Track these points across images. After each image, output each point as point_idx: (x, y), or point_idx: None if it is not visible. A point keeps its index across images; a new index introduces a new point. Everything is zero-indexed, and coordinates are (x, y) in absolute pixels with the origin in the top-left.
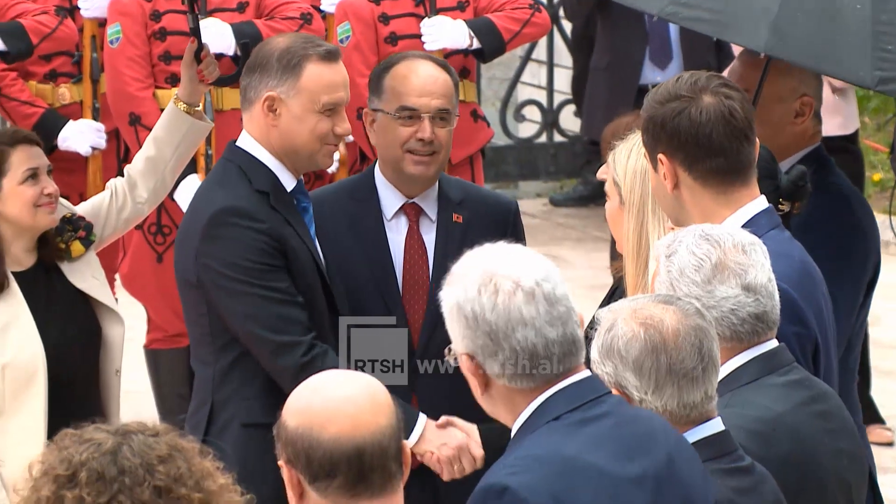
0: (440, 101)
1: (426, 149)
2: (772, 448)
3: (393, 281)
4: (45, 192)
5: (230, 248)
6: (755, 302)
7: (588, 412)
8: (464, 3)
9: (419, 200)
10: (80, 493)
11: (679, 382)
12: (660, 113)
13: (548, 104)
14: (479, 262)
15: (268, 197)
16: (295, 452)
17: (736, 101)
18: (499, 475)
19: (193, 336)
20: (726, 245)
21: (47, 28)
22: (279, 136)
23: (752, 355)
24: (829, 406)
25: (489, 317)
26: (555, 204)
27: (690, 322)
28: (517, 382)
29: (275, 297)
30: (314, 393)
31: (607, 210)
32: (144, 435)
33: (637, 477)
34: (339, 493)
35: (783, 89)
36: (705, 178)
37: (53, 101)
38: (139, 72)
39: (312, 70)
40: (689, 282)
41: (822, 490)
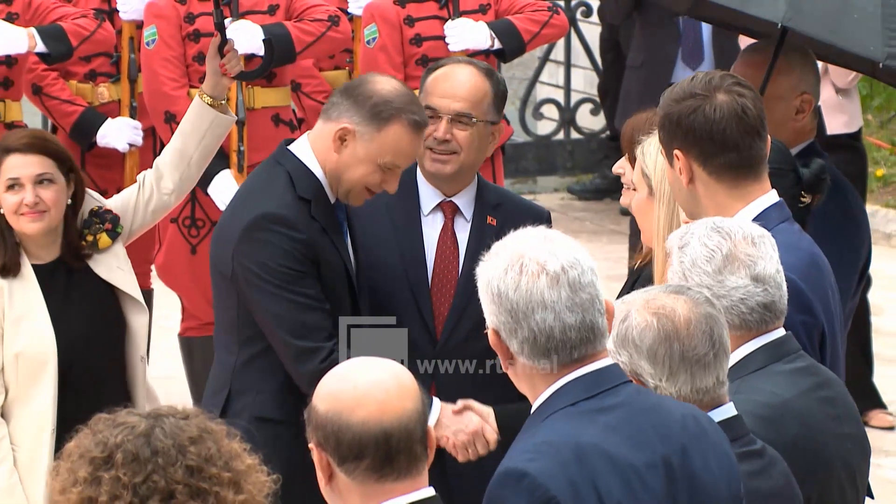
0: (461, 104)
1: (442, 147)
2: (780, 433)
3: (423, 272)
4: (24, 202)
5: (266, 252)
6: (764, 292)
7: (604, 400)
8: (485, 6)
9: (456, 199)
10: (117, 473)
11: (692, 369)
12: (676, 110)
13: (565, 103)
14: (514, 242)
15: (309, 205)
16: (325, 436)
17: (748, 98)
18: (518, 461)
19: (220, 324)
20: (737, 237)
21: (86, 31)
22: (335, 163)
23: (761, 343)
24: (835, 392)
25: (512, 296)
26: (573, 193)
27: (701, 310)
28: (535, 362)
29: (302, 303)
30: (343, 379)
31: (634, 201)
32: (175, 418)
33: (649, 464)
34: (367, 475)
35: (784, 87)
36: (719, 173)
37: (93, 99)
38: (174, 72)
39: (396, 131)
40: (701, 272)
41: (829, 472)
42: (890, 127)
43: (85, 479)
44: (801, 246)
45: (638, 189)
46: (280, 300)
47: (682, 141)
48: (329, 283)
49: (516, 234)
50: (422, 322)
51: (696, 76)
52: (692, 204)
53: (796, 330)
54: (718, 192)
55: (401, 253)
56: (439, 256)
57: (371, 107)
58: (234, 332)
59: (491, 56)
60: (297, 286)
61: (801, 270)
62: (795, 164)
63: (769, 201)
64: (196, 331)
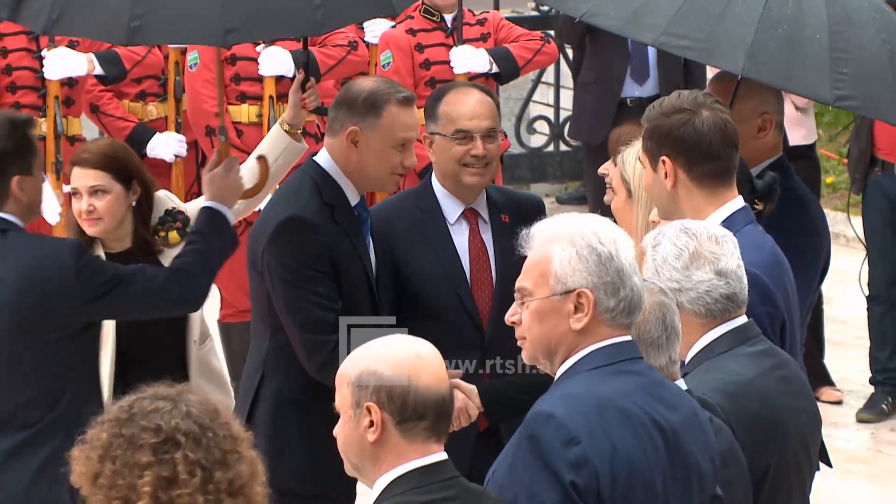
0: (488, 121)
1: (480, 162)
2: (744, 407)
3: (462, 276)
4: (83, 210)
5: (288, 252)
6: (726, 284)
7: (623, 367)
8: (486, 35)
9: (475, 206)
10: (185, 452)
11: (647, 349)
12: (666, 123)
13: (555, 119)
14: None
15: (333, 210)
16: (389, 396)
17: (727, 115)
18: (547, 405)
19: (255, 313)
20: (702, 237)
21: (138, 56)
22: (357, 163)
23: (725, 329)
24: (790, 372)
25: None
26: (560, 202)
27: (655, 299)
28: (616, 322)
29: (315, 301)
30: (401, 349)
31: (613, 204)
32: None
33: (656, 425)
34: (421, 435)
35: (744, 110)
36: (700, 179)
37: (143, 116)
38: (214, 91)
39: (391, 111)
40: (671, 268)
41: (785, 442)
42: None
43: (150, 464)
44: (764, 246)
45: (617, 192)
46: (296, 296)
47: (671, 149)
48: (347, 283)
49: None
50: (470, 319)
51: (680, 94)
52: (671, 205)
53: (760, 319)
54: (697, 195)
55: (437, 261)
56: (473, 258)
57: (363, 103)
58: (267, 321)
59: (490, 79)
60: (312, 285)
61: (764, 267)
62: (751, 176)
63: (736, 206)
64: (233, 317)
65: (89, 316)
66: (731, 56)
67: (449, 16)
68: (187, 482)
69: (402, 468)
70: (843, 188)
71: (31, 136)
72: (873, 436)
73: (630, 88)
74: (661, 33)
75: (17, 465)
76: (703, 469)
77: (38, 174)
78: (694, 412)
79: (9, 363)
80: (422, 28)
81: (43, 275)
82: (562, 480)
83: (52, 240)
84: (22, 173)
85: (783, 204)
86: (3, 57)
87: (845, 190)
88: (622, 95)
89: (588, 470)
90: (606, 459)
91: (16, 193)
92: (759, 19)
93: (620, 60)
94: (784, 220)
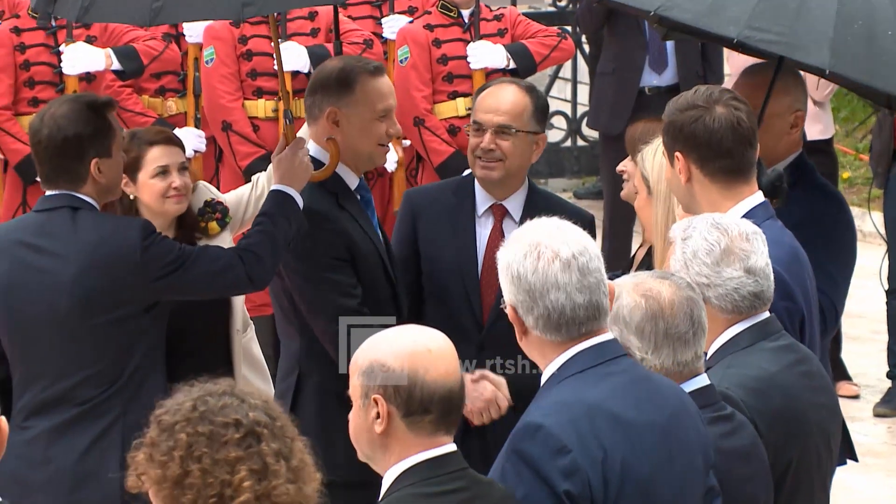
0: (503, 117)
1: (489, 156)
2: (767, 402)
3: (473, 266)
4: (172, 186)
5: (303, 245)
6: (754, 282)
7: (608, 368)
8: (503, 31)
9: (506, 203)
10: (268, 444)
11: (674, 344)
12: (679, 119)
13: (572, 115)
14: (531, 231)
15: (336, 197)
16: (396, 389)
17: (743, 112)
18: (535, 416)
19: (278, 314)
20: (733, 233)
21: (156, 51)
22: (343, 142)
23: (748, 324)
24: (812, 367)
25: (530, 278)
26: (577, 197)
27: (683, 294)
28: (547, 335)
29: (335, 289)
30: (413, 342)
31: (636, 202)
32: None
33: (647, 423)
34: (427, 428)
35: (782, 106)
36: (713, 175)
37: (162, 112)
38: (230, 86)
39: (365, 84)
40: (701, 263)
41: (807, 437)
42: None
43: (239, 458)
44: (783, 241)
45: (639, 190)
46: (316, 288)
47: (684, 145)
48: (363, 265)
49: (531, 223)
50: (470, 310)
51: (698, 89)
52: (688, 199)
53: (780, 314)
54: (712, 191)
55: (455, 249)
56: (488, 253)
57: (335, 82)
58: (292, 320)
59: (507, 74)
60: (330, 273)
61: (784, 262)
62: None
63: (756, 201)
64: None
65: (155, 295)
66: (816, 51)
67: (466, 11)
68: (278, 472)
69: (411, 460)
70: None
71: (110, 118)
72: (890, 430)
73: (648, 78)
74: (744, 27)
75: (68, 440)
76: (698, 461)
77: (118, 156)
78: (683, 405)
79: (71, 341)
80: (439, 23)
81: (108, 252)
82: (556, 490)
83: (121, 219)
84: (100, 156)
85: (816, 198)
86: (22, 52)
87: (862, 185)
88: (641, 84)
89: (580, 477)
90: (598, 465)
91: (94, 175)
92: (835, 14)
93: (639, 50)
94: (820, 215)
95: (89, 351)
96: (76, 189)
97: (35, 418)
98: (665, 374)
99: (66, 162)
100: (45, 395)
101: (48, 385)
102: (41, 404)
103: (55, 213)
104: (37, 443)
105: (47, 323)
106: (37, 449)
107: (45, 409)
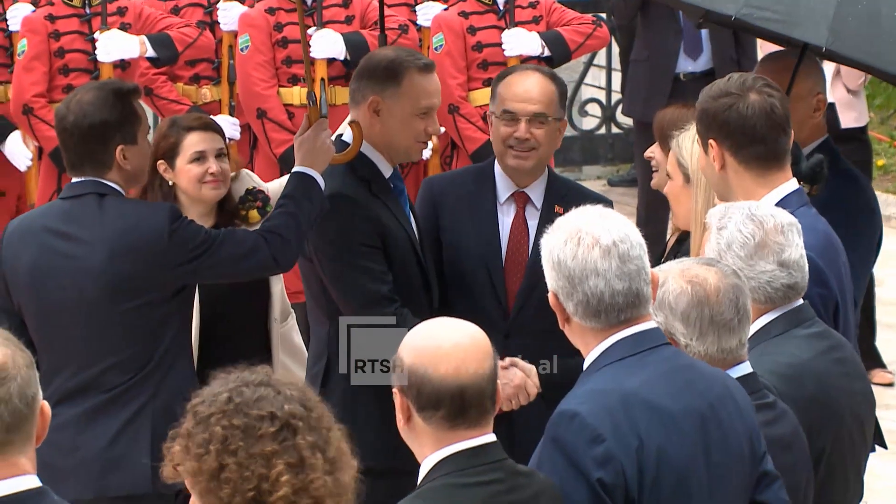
0: (536, 106)
1: (523, 146)
2: (800, 389)
3: (497, 254)
4: (209, 172)
5: (336, 230)
6: (788, 275)
7: (647, 357)
8: (538, 18)
9: (528, 190)
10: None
11: (719, 331)
12: (713, 106)
13: (606, 102)
14: (574, 218)
15: (369, 185)
16: (409, 383)
17: (776, 99)
18: (571, 403)
19: (309, 300)
20: (768, 226)
21: (190, 38)
22: (380, 133)
23: (781, 312)
24: (845, 354)
25: (569, 264)
26: (611, 184)
27: (729, 281)
28: (587, 321)
29: (367, 276)
30: (429, 337)
31: (669, 187)
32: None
33: (685, 412)
34: (441, 423)
35: (803, 90)
36: (748, 162)
37: (197, 99)
38: (265, 74)
39: (412, 79)
40: (735, 255)
41: (841, 423)
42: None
43: (275, 452)
44: (817, 227)
45: (673, 177)
46: (348, 274)
47: (717, 132)
48: (395, 253)
49: (576, 210)
50: (496, 299)
51: (731, 77)
52: (722, 186)
53: (814, 301)
54: (746, 178)
55: (478, 237)
56: (512, 241)
57: (383, 72)
58: (323, 306)
59: (542, 62)
60: (362, 260)
61: (818, 249)
62: (799, 158)
63: (790, 188)
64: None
65: (182, 278)
66: (814, 29)
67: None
68: (315, 465)
69: (448, 449)
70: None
71: (136, 105)
72: None
73: (683, 64)
74: (742, 5)
75: (98, 425)
76: (742, 449)
77: (143, 143)
78: (729, 392)
79: (99, 327)
80: (474, 11)
81: (136, 237)
82: (589, 478)
83: (148, 204)
84: (126, 142)
85: (837, 184)
86: (56, 40)
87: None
88: (675, 71)
89: (614, 466)
90: (633, 454)
91: (119, 162)
92: None
93: (673, 36)
94: (840, 200)
95: (117, 337)
96: (102, 175)
97: (63, 405)
98: (709, 361)
99: (91, 148)
100: (73, 382)
101: (76, 372)
102: (69, 391)
103: (82, 199)
104: (66, 429)
105: (75, 310)
106: (66, 436)
107: (74, 396)
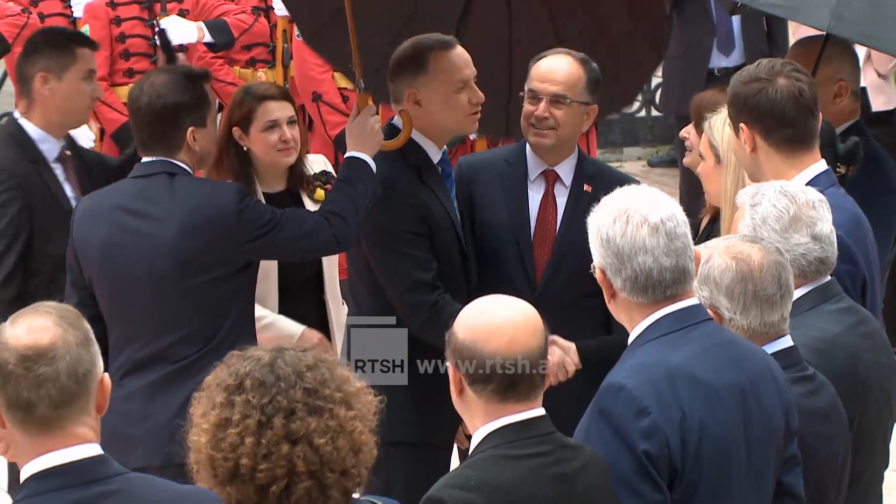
0: (557, 87)
1: (542, 124)
2: (829, 362)
3: (526, 228)
4: (281, 139)
5: (384, 216)
6: (820, 249)
7: (691, 332)
8: None
9: (557, 168)
10: (246, 396)
11: (762, 306)
12: (743, 91)
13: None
14: (621, 197)
15: (419, 172)
16: (461, 359)
17: (804, 83)
18: (618, 376)
19: (351, 275)
20: (800, 201)
21: (245, 24)
22: (428, 120)
23: (811, 287)
24: (872, 328)
25: (619, 241)
26: (651, 165)
27: (772, 258)
28: (634, 297)
29: (412, 263)
30: (483, 312)
31: (701, 167)
32: (295, 351)
33: (727, 387)
34: (492, 396)
35: (823, 76)
36: (778, 145)
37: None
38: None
39: (438, 59)
40: (770, 229)
41: (868, 395)
42: None
43: (221, 404)
44: (845, 206)
45: (705, 157)
46: (394, 260)
47: (748, 116)
48: (441, 241)
49: (624, 189)
50: (524, 272)
51: (760, 62)
52: (754, 168)
53: (842, 278)
54: (776, 160)
55: (509, 213)
56: (540, 217)
57: (408, 63)
58: (367, 282)
59: None
60: (409, 248)
61: (846, 227)
62: (835, 141)
63: (819, 169)
64: None
65: (248, 256)
66: (816, 13)
67: None
68: (238, 423)
69: (498, 422)
70: None
71: (206, 89)
72: None
73: (717, 60)
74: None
75: (167, 395)
76: (779, 424)
77: (212, 126)
78: (768, 368)
79: (168, 301)
80: None
81: (206, 214)
82: (634, 450)
83: (217, 183)
84: (196, 125)
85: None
86: (117, 25)
87: None
88: (710, 66)
89: (659, 438)
90: (676, 426)
91: (189, 143)
92: None
93: (707, 33)
94: (861, 179)
95: (186, 311)
96: (172, 156)
97: (131, 376)
98: (752, 335)
99: (163, 129)
100: (142, 353)
101: (146, 344)
102: (139, 362)
103: (153, 178)
104: (135, 399)
105: (146, 284)
106: (135, 405)
107: (143, 367)
